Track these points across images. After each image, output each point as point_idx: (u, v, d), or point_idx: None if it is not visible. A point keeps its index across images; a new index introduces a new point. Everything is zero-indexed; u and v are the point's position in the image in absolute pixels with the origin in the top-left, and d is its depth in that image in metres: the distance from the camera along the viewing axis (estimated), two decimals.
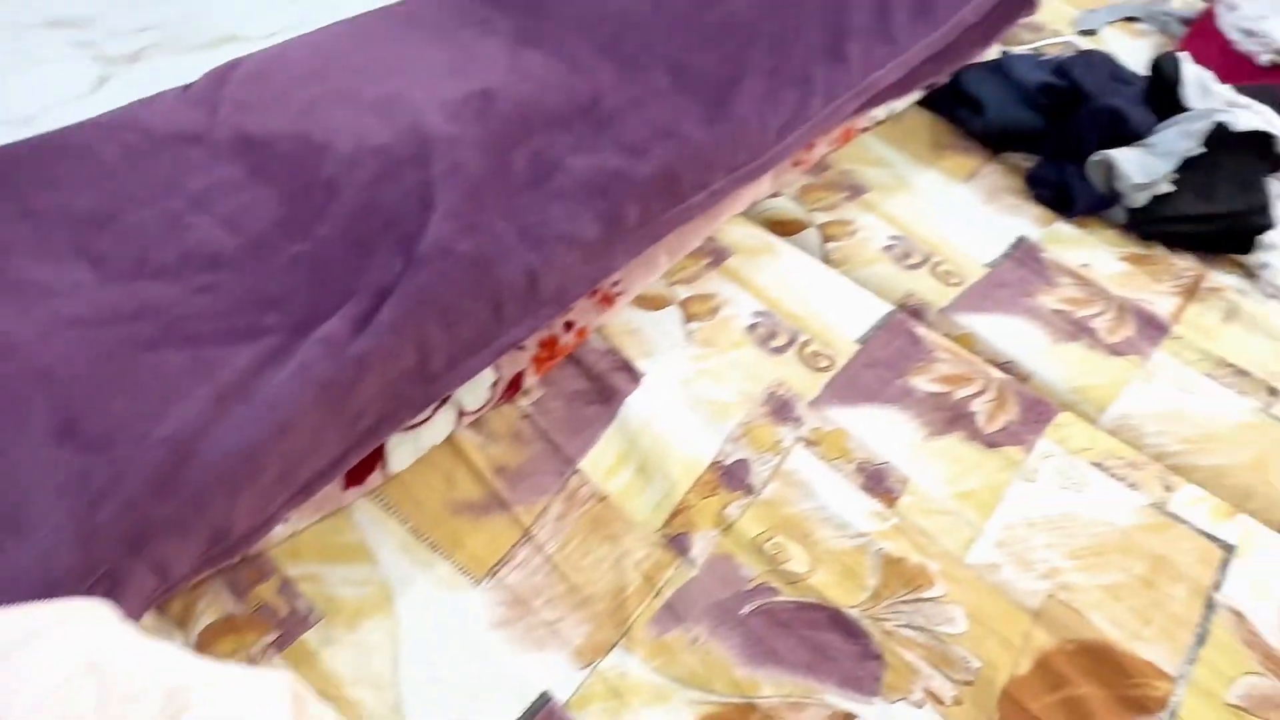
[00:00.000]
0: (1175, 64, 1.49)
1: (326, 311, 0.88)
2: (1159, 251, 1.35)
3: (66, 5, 2.07)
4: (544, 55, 1.20)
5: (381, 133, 1.04)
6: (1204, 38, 1.68)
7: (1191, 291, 1.30)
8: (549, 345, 1.00)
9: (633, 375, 1.02)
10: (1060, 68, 1.43)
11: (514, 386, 0.97)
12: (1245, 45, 1.60)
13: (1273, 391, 1.18)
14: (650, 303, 1.10)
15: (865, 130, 1.42)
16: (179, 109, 1.04)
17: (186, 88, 1.07)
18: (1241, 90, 1.46)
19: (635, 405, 0.99)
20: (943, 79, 1.48)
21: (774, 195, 1.30)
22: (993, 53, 1.59)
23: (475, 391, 0.94)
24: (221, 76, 1.08)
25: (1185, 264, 1.34)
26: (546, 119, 1.11)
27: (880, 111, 1.43)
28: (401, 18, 1.23)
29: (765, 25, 1.34)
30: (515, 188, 1.02)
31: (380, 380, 0.84)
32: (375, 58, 1.15)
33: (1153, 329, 1.22)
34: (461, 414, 0.93)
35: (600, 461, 0.95)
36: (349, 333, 0.85)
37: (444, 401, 0.91)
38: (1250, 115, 1.38)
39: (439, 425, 0.91)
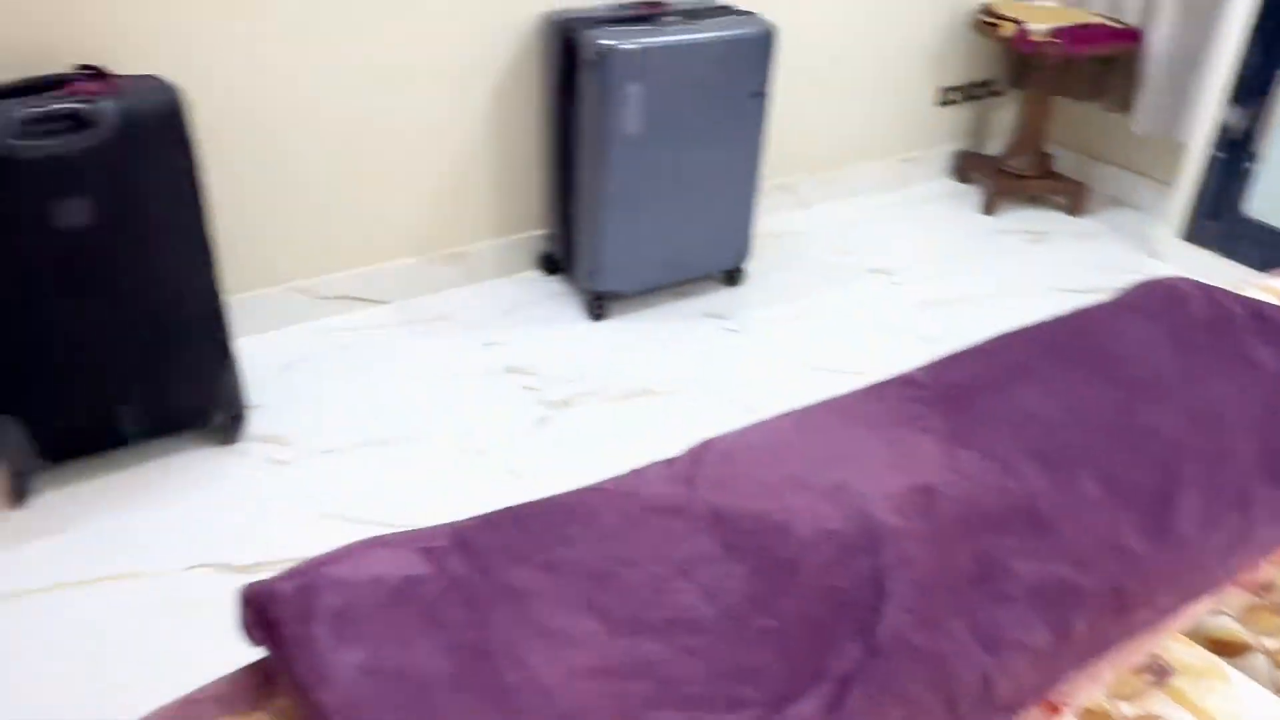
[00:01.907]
0: None
1: (795, 691, 0.95)
2: None
3: (519, 355, 2.48)
4: (976, 455, 1.29)
5: (834, 518, 1.15)
6: None
7: None
8: None
9: None
10: None
11: None
12: None
13: None
14: (1093, 718, 1.08)
15: None
16: (663, 482, 1.20)
17: (670, 462, 1.24)
18: None
19: None
20: None
21: (1215, 613, 1.26)
22: None
23: None
24: (698, 455, 1.25)
25: None
26: (986, 520, 1.17)
27: None
28: (842, 411, 1.37)
29: (1194, 440, 1.36)
30: (962, 586, 1.08)
31: None
32: (822, 447, 1.28)
33: None
34: None
35: None
36: (820, 717, 0.91)
37: None
38: None
39: None
